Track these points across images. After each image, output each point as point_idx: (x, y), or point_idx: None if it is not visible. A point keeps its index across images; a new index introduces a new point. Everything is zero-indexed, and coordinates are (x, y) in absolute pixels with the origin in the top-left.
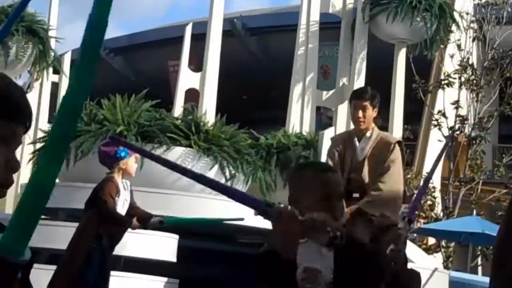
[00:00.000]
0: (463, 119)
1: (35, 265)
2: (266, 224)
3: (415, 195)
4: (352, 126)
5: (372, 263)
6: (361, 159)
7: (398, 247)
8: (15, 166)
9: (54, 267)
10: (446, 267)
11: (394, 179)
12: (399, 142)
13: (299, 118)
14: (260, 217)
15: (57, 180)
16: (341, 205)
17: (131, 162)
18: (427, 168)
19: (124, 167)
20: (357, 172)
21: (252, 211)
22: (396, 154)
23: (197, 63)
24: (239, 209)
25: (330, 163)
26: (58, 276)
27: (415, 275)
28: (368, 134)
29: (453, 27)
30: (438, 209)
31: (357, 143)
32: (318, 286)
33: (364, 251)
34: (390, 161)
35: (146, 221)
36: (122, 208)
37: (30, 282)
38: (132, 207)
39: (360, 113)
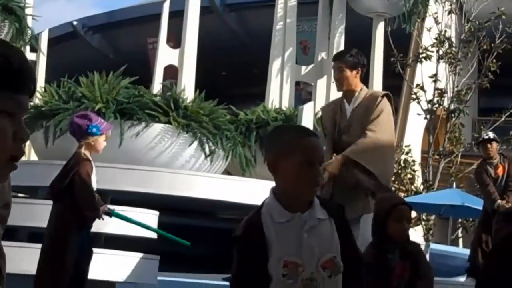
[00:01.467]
0: (441, 92)
1: (15, 243)
2: (246, 200)
3: None
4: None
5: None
6: (350, 118)
7: (403, 224)
8: (24, 137)
9: (33, 244)
10: (426, 240)
11: (383, 128)
12: (387, 95)
13: (278, 93)
14: (239, 192)
15: (36, 158)
16: (320, 170)
17: (101, 139)
18: (407, 141)
19: (93, 143)
20: (348, 133)
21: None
22: (384, 105)
23: (175, 40)
24: (219, 187)
25: (326, 131)
26: (44, 269)
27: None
28: (356, 94)
29: (431, 0)
30: (418, 182)
31: (346, 105)
32: (299, 280)
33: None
34: (378, 111)
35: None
36: (93, 186)
37: None
38: None
39: (337, 74)
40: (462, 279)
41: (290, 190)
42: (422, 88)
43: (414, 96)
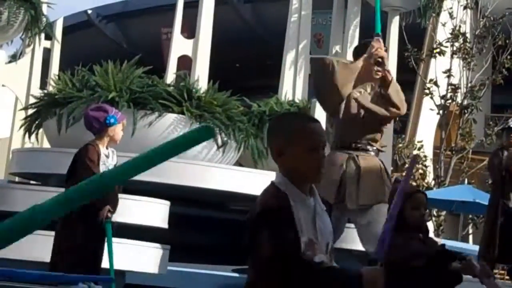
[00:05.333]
0: (455, 88)
1: None
2: (257, 191)
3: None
4: None
5: None
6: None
7: (421, 212)
8: None
9: (46, 232)
10: (437, 235)
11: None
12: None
13: (291, 86)
14: (251, 184)
15: (48, 146)
16: (324, 154)
17: (118, 129)
18: (419, 137)
19: (111, 134)
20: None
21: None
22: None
23: (189, 31)
24: (230, 178)
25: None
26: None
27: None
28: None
29: None
30: (430, 178)
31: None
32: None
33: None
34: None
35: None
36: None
37: None
38: None
39: (383, 65)
40: None
41: (298, 174)
42: (435, 83)
43: (427, 91)
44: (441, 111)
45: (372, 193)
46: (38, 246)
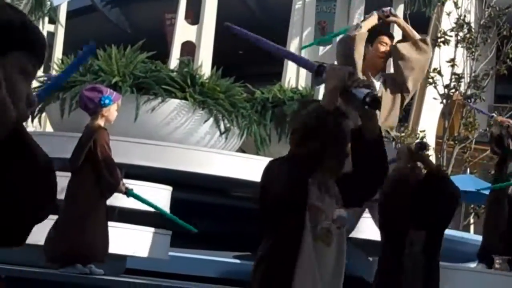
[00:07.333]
0: (458, 77)
1: None
2: (259, 178)
3: None
4: None
5: None
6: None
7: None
8: (33, 101)
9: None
10: None
11: None
12: None
13: (295, 73)
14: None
15: (51, 130)
16: (348, 152)
17: (113, 109)
18: (422, 126)
19: (106, 114)
20: None
21: None
22: None
23: (193, 16)
24: (233, 164)
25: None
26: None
27: None
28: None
29: None
30: None
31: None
32: (318, 227)
33: None
34: None
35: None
36: None
37: None
38: None
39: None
40: (473, 265)
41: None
42: (439, 73)
43: (431, 80)
44: (444, 101)
45: None
46: (39, 230)
